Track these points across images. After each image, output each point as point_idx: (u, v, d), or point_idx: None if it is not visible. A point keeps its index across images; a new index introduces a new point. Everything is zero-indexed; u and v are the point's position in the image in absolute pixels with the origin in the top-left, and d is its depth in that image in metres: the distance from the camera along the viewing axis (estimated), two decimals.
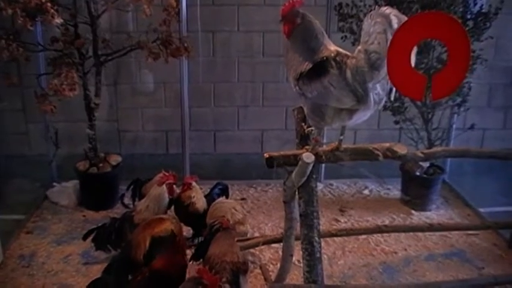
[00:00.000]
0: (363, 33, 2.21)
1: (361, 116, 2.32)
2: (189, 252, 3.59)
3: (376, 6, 2.21)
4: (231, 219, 3.80)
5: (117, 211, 4.67)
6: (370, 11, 2.25)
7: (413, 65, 2.12)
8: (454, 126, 5.26)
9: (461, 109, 4.82)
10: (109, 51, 4.64)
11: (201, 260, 3.43)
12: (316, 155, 2.39)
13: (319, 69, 2.30)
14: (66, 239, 4.39)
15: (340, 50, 2.38)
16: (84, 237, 3.96)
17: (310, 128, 2.54)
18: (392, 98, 2.36)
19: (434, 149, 3.09)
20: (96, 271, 3.86)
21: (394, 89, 2.29)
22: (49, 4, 3.94)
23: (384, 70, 2.17)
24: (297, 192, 2.54)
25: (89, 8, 4.45)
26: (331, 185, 5.46)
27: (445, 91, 2.13)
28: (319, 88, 2.27)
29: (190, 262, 3.55)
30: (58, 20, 4.04)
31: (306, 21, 2.39)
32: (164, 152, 5.87)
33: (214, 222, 3.48)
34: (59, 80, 4.22)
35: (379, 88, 2.26)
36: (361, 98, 2.24)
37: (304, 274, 2.44)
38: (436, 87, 2.06)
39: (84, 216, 4.79)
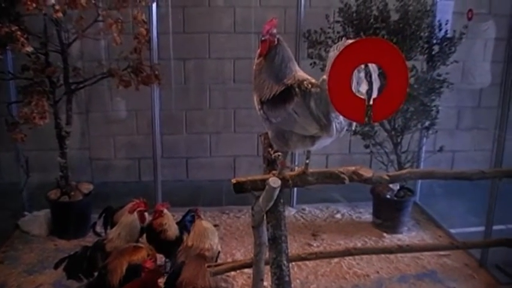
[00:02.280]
0: (328, 63, 2.26)
1: (323, 142, 2.36)
2: (161, 281, 3.57)
3: (344, 38, 2.25)
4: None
5: (89, 239, 4.63)
6: (338, 39, 2.31)
7: (377, 87, 2.16)
8: (424, 148, 5.34)
9: (430, 132, 4.90)
10: (80, 79, 4.64)
11: None
12: (282, 179, 2.42)
13: (284, 95, 2.34)
14: (38, 269, 4.34)
15: (308, 77, 2.42)
16: (56, 266, 3.90)
17: (277, 153, 2.57)
18: (353, 128, 2.41)
19: (399, 172, 3.14)
20: None
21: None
22: (19, 32, 3.95)
23: None
24: (265, 217, 2.56)
25: (59, 36, 4.46)
26: (304, 209, 5.48)
27: (386, 113, 2.19)
28: (284, 114, 2.31)
29: None
30: (28, 49, 4.04)
31: (281, 45, 2.43)
32: (136, 180, 5.87)
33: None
34: (29, 108, 4.21)
35: (342, 118, 2.30)
36: (324, 127, 2.28)
37: None
38: (376, 109, 2.13)
39: (55, 245, 4.74)
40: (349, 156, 5.84)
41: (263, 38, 2.40)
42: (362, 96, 2.14)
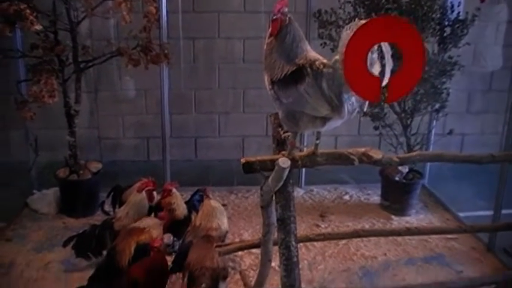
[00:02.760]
0: (340, 44, 2.21)
1: (334, 124, 2.34)
2: (169, 259, 3.58)
3: (356, 19, 2.21)
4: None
5: (98, 218, 4.65)
6: (349, 20, 2.28)
7: (390, 68, 2.13)
8: (433, 131, 5.30)
9: (440, 115, 4.86)
10: (89, 58, 4.64)
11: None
12: (292, 159, 2.40)
13: (296, 76, 2.31)
14: (46, 247, 4.36)
15: (320, 57, 2.38)
16: (64, 245, 3.94)
17: (286, 133, 2.56)
18: (365, 109, 2.38)
19: (409, 154, 3.12)
20: (76, 278, 3.84)
21: (367, 102, 2.31)
22: (28, 11, 3.94)
23: None
24: (274, 197, 2.56)
25: (68, 15, 4.45)
26: (312, 190, 5.48)
27: (401, 93, 2.16)
28: (295, 95, 2.29)
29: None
30: (37, 27, 4.03)
31: (292, 25, 2.40)
32: (145, 159, 5.88)
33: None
34: (38, 86, 4.21)
35: (354, 99, 2.27)
36: (335, 108, 2.25)
37: (281, 279, 2.45)
38: (391, 89, 2.10)
39: (64, 223, 4.77)
40: (359, 137, 5.81)
41: (274, 17, 2.37)
42: (377, 76, 2.11)
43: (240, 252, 4.08)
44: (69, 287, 3.19)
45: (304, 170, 5.26)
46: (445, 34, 4.54)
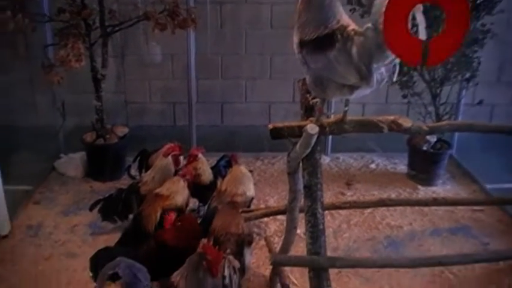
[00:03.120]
0: (373, 10, 2.13)
1: (362, 92, 2.29)
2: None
3: None
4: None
5: (124, 182, 4.69)
6: None
7: (424, 30, 2.06)
8: (463, 101, 5.21)
9: (470, 84, 4.77)
10: (116, 22, 4.62)
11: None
12: (320, 126, 2.37)
13: (326, 41, 2.25)
14: (73, 210, 4.43)
15: (352, 24, 2.31)
16: (91, 208, 3.99)
17: (314, 100, 2.53)
18: (394, 79, 2.32)
19: (439, 123, 3.08)
20: (102, 241, 3.90)
21: (397, 71, 2.26)
22: None
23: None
24: (301, 164, 2.54)
25: None
26: (338, 158, 5.46)
27: (441, 57, 2.09)
28: (323, 61, 2.24)
29: None
30: None
31: None
32: (171, 124, 5.88)
33: None
34: (65, 51, 4.21)
35: (384, 69, 2.22)
36: (364, 77, 2.20)
37: (307, 246, 2.45)
38: (432, 53, 2.02)
39: (91, 187, 4.82)
40: (386, 106, 5.74)
41: None
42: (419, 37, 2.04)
43: (265, 219, 4.10)
44: (96, 249, 3.21)
45: (330, 137, 5.23)
46: (478, 1, 4.42)
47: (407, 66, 4.29)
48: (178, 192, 3.70)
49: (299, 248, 3.73)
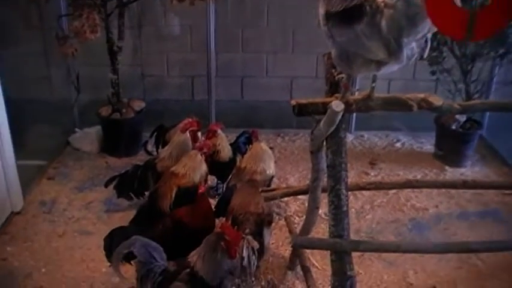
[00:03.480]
0: None
1: (390, 68, 2.23)
2: (212, 202, 3.59)
3: None
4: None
5: (140, 158, 4.70)
6: None
7: None
8: (495, 79, 5.11)
9: (504, 61, 4.67)
10: None
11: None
12: (346, 103, 2.33)
13: (354, 13, 2.19)
14: (88, 186, 4.45)
15: None
16: (106, 184, 4.00)
17: (340, 75, 2.48)
18: (425, 56, 2.25)
19: (471, 102, 3.02)
20: (117, 219, 3.92)
21: (428, 47, 2.19)
22: None
23: (423, 26, 2.05)
24: (324, 143, 2.51)
25: None
26: (362, 136, 5.42)
27: (489, 31, 1.99)
28: (350, 34, 2.17)
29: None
30: None
31: None
32: (189, 98, 5.86)
33: None
34: (80, 21, 4.19)
35: (414, 44, 2.15)
36: (393, 52, 2.13)
37: (329, 228, 2.42)
38: (479, 26, 1.92)
39: (106, 162, 4.83)
40: (413, 82, 5.66)
41: None
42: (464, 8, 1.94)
43: (285, 198, 4.07)
44: (111, 227, 3.22)
45: (354, 114, 5.17)
46: None
47: (452, 40, 4.20)
48: (196, 169, 3.67)
49: (320, 229, 3.73)
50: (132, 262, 2.88)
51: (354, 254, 2.43)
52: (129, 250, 2.72)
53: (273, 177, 3.99)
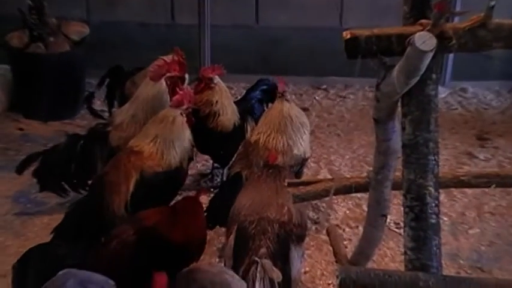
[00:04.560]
0: None
1: None
2: (205, 200, 3.61)
3: None
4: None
5: (81, 123, 4.75)
6: None
7: None
8: None
9: None
10: None
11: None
12: (440, 36, 2.32)
13: None
14: None
15: None
16: (20, 168, 4.00)
17: None
18: None
19: None
20: (39, 228, 3.94)
21: None
22: None
23: None
24: (399, 104, 2.50)
25: None
26: (464, 91, 5.43)
27: None
28: None
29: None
30: None
31: None
32: (167, 22, 5.88)
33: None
34: None
35: None
36: None
37: (405, 252, 2.42)
38: None
39: (20, 129, 4.86)
40: None
41: None
42: None
43: (329, 197, 4.07)
44: (22, 243, 3.20)
45: (450, 56, 5.16)
46: None
47: None
48: (172, 142, 3.67)
49: (388, 251, 3.74)
50: None
51: None
52: None
53: (307, 159, 4.00)
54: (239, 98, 4.35)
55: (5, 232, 3.96)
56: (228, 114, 4.11)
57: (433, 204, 2.36)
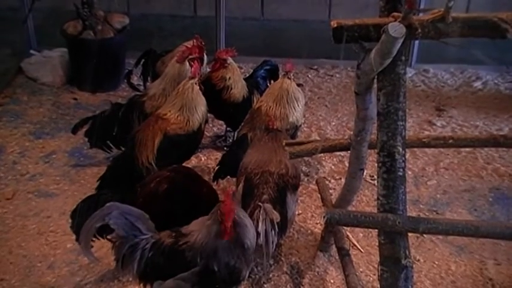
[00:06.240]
0: None
1: None
2: (218, 156, 3.59)
3: None
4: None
5: (122, 94, 4.73)
6: None
7: None
8: None
9: None
10: None
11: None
12: (409, 26, 2.30)
13: None
14: (49, 131, 4.44)
15: None
16: (74, 130, 3.99)
17: None
18: None
19: None
20: (90, 177, 3.93)
21: None
22: None
23: None
24: (375, 80, 2.48)
25: None
26: (426, 72, 5.40)
27: None
28: None
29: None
30: None
31: None
32: (191, 14, 5.85)
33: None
34: None
35: None
36: None
37: (378, 198, 2.40)
38: None
39: (75, 99, 4.84)
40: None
41: None
42: None
43: (318, 155, 4.06)
44: (79, 188, 3.21)
45: (416, 42, 5.13)
46: None
47: None
48: (192, 108, 3.65)
49: (365, 198, 3.74)
50: (108, 237, 2.84)
51: (411, 235, 2.43)
52: (104, 222, 2.69)
53: (300, 125, 3.99)
54: (247, 75, 4.33)
55: (64, 179, 3.96)
56: (239, 88, 4.10)
57: (401, 161, 2.36)
